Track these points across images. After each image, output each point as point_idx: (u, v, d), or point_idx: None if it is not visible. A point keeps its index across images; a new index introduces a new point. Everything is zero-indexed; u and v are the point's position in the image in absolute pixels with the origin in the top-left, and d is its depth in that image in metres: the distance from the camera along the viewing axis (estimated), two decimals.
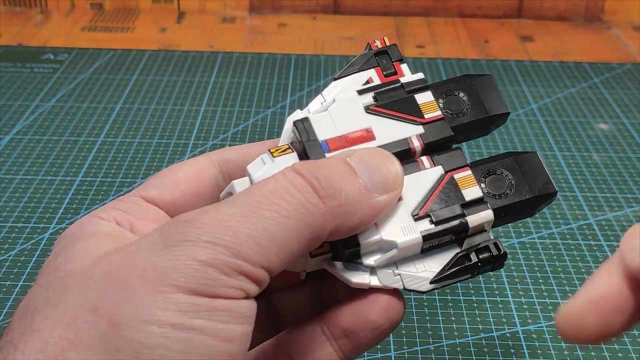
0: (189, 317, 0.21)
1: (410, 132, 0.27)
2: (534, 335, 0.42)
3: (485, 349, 0.41)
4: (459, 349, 0.41)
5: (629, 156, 0.61)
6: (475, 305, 0.44)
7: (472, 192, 0.26)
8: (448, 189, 0.26)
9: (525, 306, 0.44)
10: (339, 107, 0.28)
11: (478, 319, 0.43)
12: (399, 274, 0.26)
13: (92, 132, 0.62)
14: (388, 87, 0.28)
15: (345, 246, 0.25)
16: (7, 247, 0.48)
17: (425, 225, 0.26)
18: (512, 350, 0.41)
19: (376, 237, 0.25)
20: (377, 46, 0.29)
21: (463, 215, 0.26)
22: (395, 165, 0.25)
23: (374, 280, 0.26)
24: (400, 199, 0.26)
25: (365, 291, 0.26)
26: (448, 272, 0.26)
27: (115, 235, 0.25)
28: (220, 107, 0.67)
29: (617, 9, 0.89)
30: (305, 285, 0.29)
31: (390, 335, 0.38)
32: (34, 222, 0.51)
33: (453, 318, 0.43)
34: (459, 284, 0.46)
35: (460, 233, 0.26)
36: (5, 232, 0.50)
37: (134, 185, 0.55)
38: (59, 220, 0.51)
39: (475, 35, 0.85)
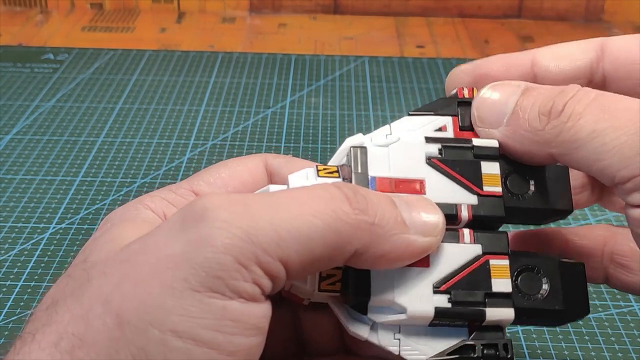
0: (194, 326, 0.20)
1: (462, 199, 0.25)
2: (534, 335, 0.42)
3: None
4: None
5: None
6: None
7: (501, 284, 0.24)
8: (478, 272, 0.24)
9: None
10: (401, 148, 0.26)
11: None
12: (398, 339, 0.24)
13: (92, 132, 0.62)
14: (458, 144, 0.26)
15: (356, 293, 0.24)
16: (7, 247, 0.48)
17: (442, 302, 0.24)
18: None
19: (389, 297, 0.24)
20: (464, 94, 0.27)
21: (484, 305, 0.24)
22: (439, 213, 0.24)
23: (372, 336, 0.24)
24: (427, 264, 0.24)
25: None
26: (447, 357, 0.24)
27: (151, 224, 0.24)
28: (220, 107, 0.67)
29: (617, 9, 0.89)
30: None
31: None
32: (34, 222, 0.51)
33: None
34: None
35: (474, 322, 0.24)
36: (5, 232, 0.50)
37: (134, 185, 0.55)
38: (59, 220, 0.51)
39: (475, 35, 0.85)
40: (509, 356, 0.24)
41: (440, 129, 0.27)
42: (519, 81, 0.26)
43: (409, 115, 0.27)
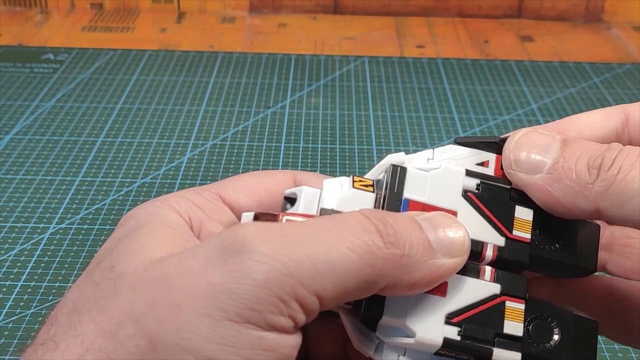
0: (229, 354, 0.20)
1: (490, 238, 0.25)
2: None
3: None
4: None
5: None
6: None
7: (513, 327, 0.24)
8: (493, 311, 0.25)
9: None
10: (440, 176, 0.26)
11: None
12: None
13: (92, 132, 0.62)
14: (496, 184, 0.26)
15: (368, 309, 0.24)
16: (7, 247, 0.48)
17: (452, 333, 0.24)
18: None
19: (401, 320, 0.24)
20: None
21: (492, 344, 0.24)
22: (464, 231, 0.24)
23: (377, 355, 0.24)
24: (443, 294, 0.24)
25: None
26: None
27: (179, 234, 0.24)
28: (220, 107, 0.67)
29: (617, 9, 0.89)
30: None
31: None
32: (34, 222, 0.51)
33: None
34: None
35: (481, 359, 0.24)
36: (5, 232, 0.50)
37: (134, 185, 0.55)
38: (59, 220, 0.51)
39: (475, 35, 0.85)
40: None
41: (482, 164, 0.27)
42: (551, 131, 0.26)
43: (455, 143, 0.27)
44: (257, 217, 0.25)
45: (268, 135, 0.63)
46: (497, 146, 0.27)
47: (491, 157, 0.27)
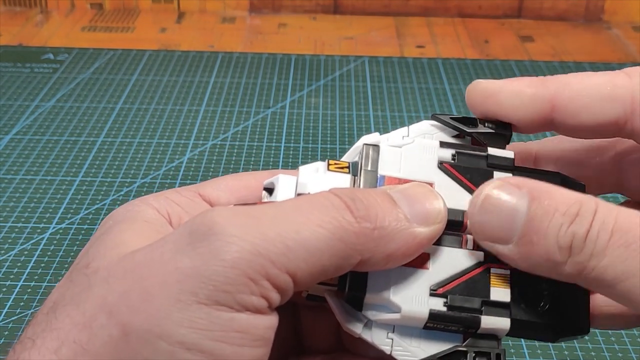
0: (201, 337, 0.20)
1: None
2: None
3: None
4: None
5: None
6: None
7: (500, 293, 0.24)
8: (478, 279, 0.24)
9: None
10: (414, 149, 0.26)
11: None
12: (391, 339, 0.24)
13: (92, 132, 0.62)
14: (472, 152, 0.26)
15: (351, 288, 0.24)
16: (7, 247, 0.48)
17: (438, 305, 0.24)
18: (512, 350, 0.41)
19: (384, 295, 0.24)
20: (486, 125, 0.27)
21: (480, 312, 0.24)
22: (439, 200, 0.24)
23: (365, 333, 0.24)
24: (425, 267, 0.24)
25: None
26: None
27: (156, 228, 0.24)
28: (220, 107, 0.67)
29: (617, 9, 0.89)
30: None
31: None
32: (34, 222, 0.51)
33: None
34: None
35: (469, 328, 0.24)
36: (5, 232, 0.50)
37: (134, 185, 0.55)
38: (59, 220, 0.51)
39: (475, 35, 0.85)
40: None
41: (457, 136, 0.27)
42: (519, 181, 0.23)
43: (432, 118, 0.27)
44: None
45: (268, 135, 0.63)
46: (474, 121, 0.26)
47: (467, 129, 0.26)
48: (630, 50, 0.82)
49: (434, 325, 0.24)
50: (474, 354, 0.24)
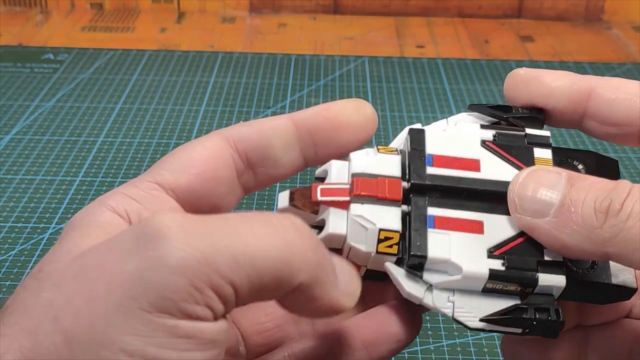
0: (144, 344, 0.19)
1: None
2: None
3: (485, 349, 0.41)
4: (459, 349, 0.41)
5: (629, 156, 0.61)
6: None
7: (553, 254, 0.25)
8: (530, 242, 0.25)
9: None
10: (458, 132, 0.27)
11: None
12: (452, 302, 0.25)
13: (92, 132, 0.62)
14: (511, 132, 0.28)
15: (414, 249, 0.25)
16: (7, 247, 0.48)
17: (496, 265, 0.25)
18: None
19: (445, 256, 0.25)
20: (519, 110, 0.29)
21: (536, 271, 0.25)
22: (358, 280, 0.24)
23: (427, 298, 0.25)
24: (480, 231, 0.25)
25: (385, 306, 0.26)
26: (501, 317, 0.25)
27: (108, 229, 0.23)
28: (220, 107, 0.67)
29: (617, 9, 0.89)
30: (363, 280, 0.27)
31: None
32: (34, 222, 0.51)
33: None
34: None
35: (527, 287, 0.25)
36: (5, 232, 0.50)
37: None
38: (59, 220, 0.51)
39: (475, 35, 0.85)
40: (560, 320, 0.25)
41: (494, 124, 0.28)
42: (559, 168, 0.25)
43: (468, 109, 0.29)
44: (293, 193, 0.26)
45: None
46: (509, 108, 0.28)
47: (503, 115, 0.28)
48: (630, 50, 0.82)
49: (493, 286, 0.25)
50: (533, 310, 0.25)
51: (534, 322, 0.25)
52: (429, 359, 0.40)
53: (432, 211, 0.26)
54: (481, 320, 0.25)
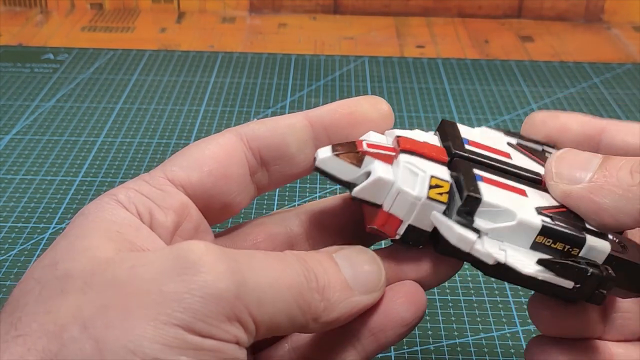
0: (175, 354, 0.20)
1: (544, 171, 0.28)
2: (534, 335, 0.42)
3: (485, 349, 0.41)
4: (459, 349, 0.41)
5: None
6: (475, 305, 0.44)
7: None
8: (572, 214, 0.26)
9: (525, 306, 0.44)
10: (484, 131, 0.29)
11: (478, 319, 0.43)
12: (504, 249, 0.25)
13: (92, 132, 0.62)
14: (532, 144, 0.30)
15: (470, 190, 0.25)
16: (7, 247, 0.48)
17: (547, 221, 0.25)
18: (512, 350, 0.41)
19: (498, 202, 0.25)
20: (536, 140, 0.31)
21: (583, 232, 0.25)
22: (379, 265, 0.25)
23: (478, 243, 0.25)
24: (524, 194, 0.26)
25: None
26: (560, 261, 0.25)
27: (125, 232, 0.24)
28: (220, 107, 0.67)
29: (617, 9, 0.89)
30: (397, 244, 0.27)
31: None
32: (34, 222, 0.51)
33: (453, 318, 0.43)
34: (460, 285, 0.46)
35: (574, 246, 0.25)
36: (5, 232, 0.50)
37: None
38: (59, 220, 0.51)
39: (475, 35, 0.85)
40: (613, 276, 0.25)
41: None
42: (592, 153, 0.27)
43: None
44: (335, 148, 0.26)
45: None
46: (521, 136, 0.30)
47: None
48: (630, 50, 0.82)
49: (542, 241, 0.25)
50: (585, 261, 0.25)
51: (588, 274, 0.24)
52: (429, 359, 0.40)
53: (478, 172, 0.26)
54: (539, 263, 0.25)
